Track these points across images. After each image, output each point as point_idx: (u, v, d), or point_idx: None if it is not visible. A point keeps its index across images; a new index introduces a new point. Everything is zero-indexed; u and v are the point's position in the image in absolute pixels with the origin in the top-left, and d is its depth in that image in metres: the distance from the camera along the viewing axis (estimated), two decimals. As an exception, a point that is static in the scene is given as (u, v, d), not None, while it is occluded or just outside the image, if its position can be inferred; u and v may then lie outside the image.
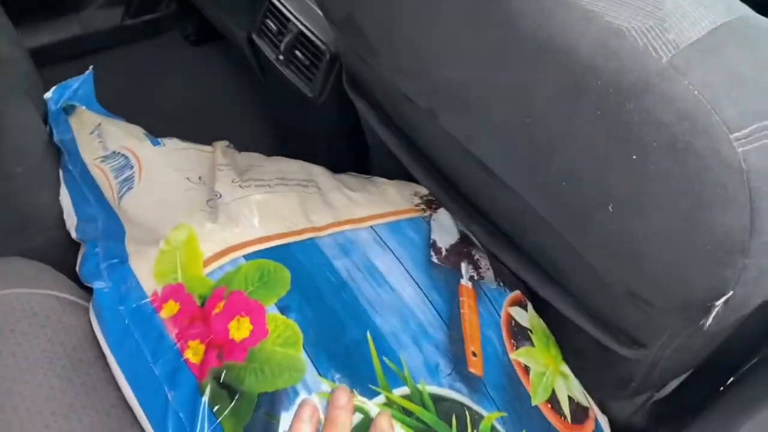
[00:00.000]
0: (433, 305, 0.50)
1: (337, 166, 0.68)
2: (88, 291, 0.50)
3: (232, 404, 0.40)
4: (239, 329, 0.42)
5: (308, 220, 0.51)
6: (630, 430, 0.69)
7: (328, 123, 0.87)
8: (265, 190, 0.53)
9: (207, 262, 0.45)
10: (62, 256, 0.59)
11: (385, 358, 0.44)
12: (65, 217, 0.60)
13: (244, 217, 0.49)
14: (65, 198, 0.61)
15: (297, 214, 0.51)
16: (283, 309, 0.44)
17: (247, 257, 0.46)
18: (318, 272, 0.47)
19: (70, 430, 0.43)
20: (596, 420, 0.55)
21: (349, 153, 0.87)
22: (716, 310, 0.37)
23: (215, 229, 0.47)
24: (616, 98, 0.34)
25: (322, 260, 0.48)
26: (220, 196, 0.51)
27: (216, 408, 0.41)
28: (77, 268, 0.52)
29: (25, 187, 0.65)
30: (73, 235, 0.56)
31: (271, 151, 0.73)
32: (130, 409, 0.44)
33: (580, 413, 0.53)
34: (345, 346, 0.44)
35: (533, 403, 0.49)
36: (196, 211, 0.49)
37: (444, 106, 0.49)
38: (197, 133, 0.71)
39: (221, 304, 0.44)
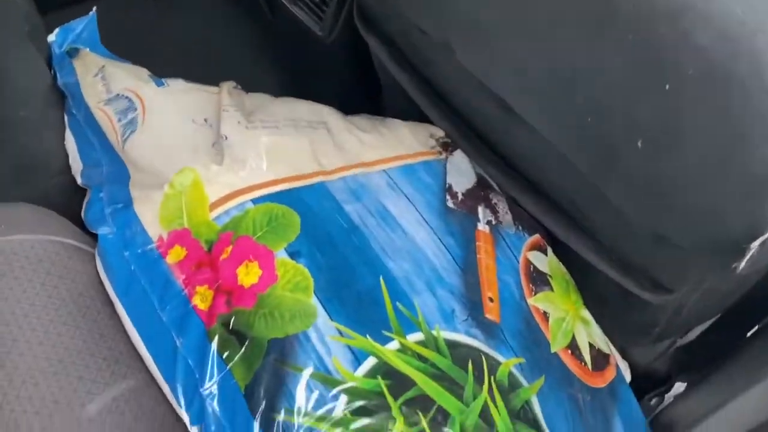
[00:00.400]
0: (448, 250, 0.48)
1: (347, 107, 0.65)
2: (94, 237, 0.49)
3: (242, 350, 0.39)
4: (248, 275, 0.41)
5: (318, 163, 0.49)
6: (651, 376, 0.68)
7: (339, 62, 0.84)
8: (272, 131, 0.50)
9: (213, 206, 0.44)
10: (68, 202, 0.57)
11: (398, 304, 0.42)
12: (71, 162, 0.58)
13: (251, 159, 0.47)
14: (70, 142, 0.59)
15: (306, 156, 0.49)
16: (293, 254, 0.42)
17: (254, 201, 0.44)
18: (328, 217, 0.45)
19: (77, 377, 0.42)
20: (617, 366, 0.54)
21: (360, 94, 0.84)
22: (751, 252, 0.35)
23: (221, 172, 0.45)
24: (649, 21, 0.31)
25: (333, 205, 0.46)
26: (226, 138, 0.48)
27: (225, 354, 0.39)
28: (82, 214, 0.51)
29: (29, 132, 0.63)
30: (79, 180, 0.55)
31: (278, 92, 0.70)
32: (138, 356, 0.43)
33: (600, 360, 0.52)
34: (357, 291, 0.42)
35: (552, 350, 0.48)
36: (201, 154, 0.47)
37: (460, 38, 0.46)
38: (202, 73, 0.69)
39: (229, 249, 0.42)
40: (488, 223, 0.52)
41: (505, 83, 0.45)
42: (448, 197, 0.52)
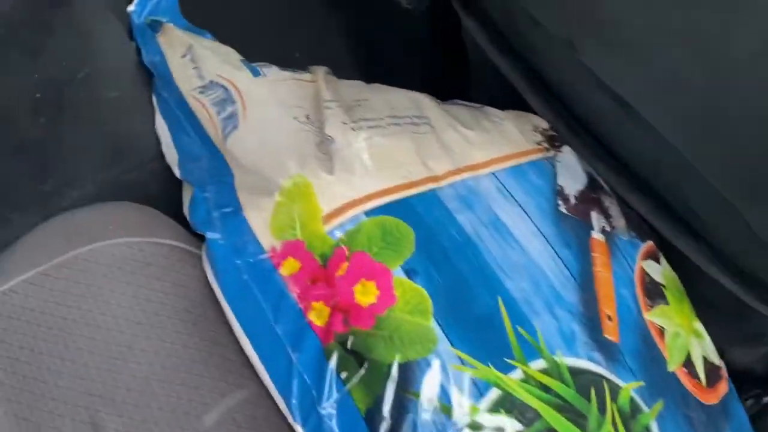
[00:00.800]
0: (564, 263, 0.46)
1: (431, 87, 0.63)
2: (198, 236, 0.48)
3: (362, 372, 0.39)
4: (365, 294, 0.40)
5: (426, 167, 0.47)
6: (748, 375, 0.65)
7: (423, 37, 0.80)
8: (378, 132, 0.48)
9: (326, 219, 0.42)
10: (165, 189, 0.57)
11: (519, 328, 0.41)
12: (164, 149, 0.57)
13: (361, 166, 0.45)
14: (162, 127, 0.58)
15: (414, 160, 0.47)
16: (410, 272, 0.41)
17: (367, 213, 0.43)
18: (441, 229, 0.44)
19: (193, 387, 0.43)
20: (729, 380, 0.52)
21: (444, 72, 0.81)
22: None
23: (332, 182, 0.44)
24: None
25: (444, 215, 0.44)
26: (332, 140, 0.47)
27: (344, 375, 0.39)
28: (186, 212, 0.50)
29: (120, 114, 0.62)
30: (177, 173, 0.54)
31: (360, 71, 0.67)
32: (251, 365, 0.43)
33: (714, 374, 0.50)
34: (476, 314, 0.41)
35: (669, 369, 0.46)
36: (309, 159, 0.46)
37: (591, 40, 0.43)
38: (274, 49, 0.66)
39: (344, 265, 0.41)
40: (602, 230, 0.49)
41: (643, 95, 0.42)
42: (560, 201, 0.49)
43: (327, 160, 0.46)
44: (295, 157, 0.46)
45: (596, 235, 0.48)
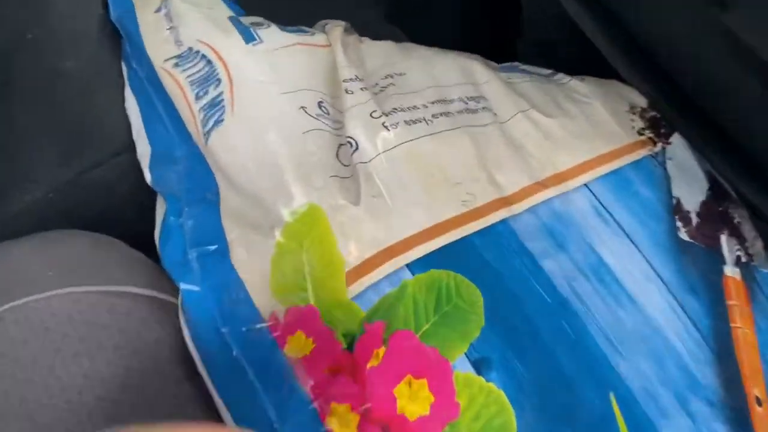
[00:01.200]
0: (691, 321, 0.32)
1: (468, 37, 0.48)
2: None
3: None
4: (413, 400, 0.27)
5: (493, 183, 0.33)
6: None
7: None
8: (422, 129, 0.34)
9: (352, 277, 0.29)
10: (135, 191, 0.43)
11: (641, 441, 0.27)
12: (134, 136, 0.44)
13: (400, 189, 0.31)
14: (132, 109, 0.44)
15: (476, 174, 0.33)
16: (479, 364, 0.27)
17: (412, 267, 0.29)
18: (522, 286, 0.30)
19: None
20: None
21: (485, 21, 0.65)
22: None
23: (359, 217, 0.30)
24: None
25: (525, 262, 0.30)
26: (356, 147, 0.32)
27: None
28: (156, 240, 0.37)
29: (78, 90, 0.48)
30: (147, 177, 0.40)
31: (372, 14, 0.53)
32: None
33: None
34: (579, 425, 0.27)
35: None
36: (324, 178, 0.31)
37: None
38: None
39: (380, 352, 0.27)
40: (737, 260, 0.35)
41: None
42: (679, 223, 0.35)
43: (350, 180, 0.31)
44: (304, 174, 0.32)
45: (730, 270, 0.34)
